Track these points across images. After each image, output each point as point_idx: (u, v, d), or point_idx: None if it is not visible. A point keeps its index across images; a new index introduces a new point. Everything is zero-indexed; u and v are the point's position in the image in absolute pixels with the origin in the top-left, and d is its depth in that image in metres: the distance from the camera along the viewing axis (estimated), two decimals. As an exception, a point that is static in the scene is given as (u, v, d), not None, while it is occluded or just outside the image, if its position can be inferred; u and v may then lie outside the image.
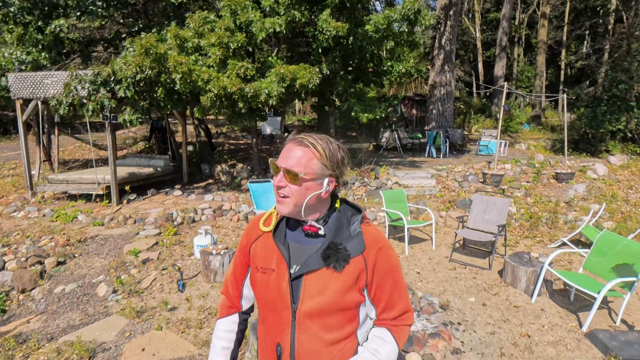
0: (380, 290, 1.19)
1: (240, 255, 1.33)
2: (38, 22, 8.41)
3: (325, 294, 1.13)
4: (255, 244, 1.28)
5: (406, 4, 7.44)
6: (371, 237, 1.19)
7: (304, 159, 1.13)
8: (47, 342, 3.51)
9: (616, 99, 11.97)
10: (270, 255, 1.22)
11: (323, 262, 1.14)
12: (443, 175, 9.28)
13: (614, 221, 7.11)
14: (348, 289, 1.14)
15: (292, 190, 1.14)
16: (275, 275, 1.18)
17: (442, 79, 14.01)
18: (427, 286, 4.62)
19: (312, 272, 1.15)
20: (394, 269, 1.21)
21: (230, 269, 1.38)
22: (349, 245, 1.15)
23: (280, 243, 1.21)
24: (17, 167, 10.94)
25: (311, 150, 1.14)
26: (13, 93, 7.54)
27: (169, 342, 3.44)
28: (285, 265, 1.18)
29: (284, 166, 1.13)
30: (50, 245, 5.61)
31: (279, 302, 1.18)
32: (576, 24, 23.59)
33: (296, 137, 1.17)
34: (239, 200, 7.77)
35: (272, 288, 1.19)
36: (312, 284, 1.15)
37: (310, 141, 1.14)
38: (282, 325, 1.18)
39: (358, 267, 1.15)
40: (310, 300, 1.14)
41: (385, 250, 1.20)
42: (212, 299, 4.25)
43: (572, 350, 3.34)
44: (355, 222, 1.21)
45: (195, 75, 6.53)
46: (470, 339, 3.48)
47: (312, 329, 1.15)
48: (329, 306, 1.13)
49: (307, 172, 1.13)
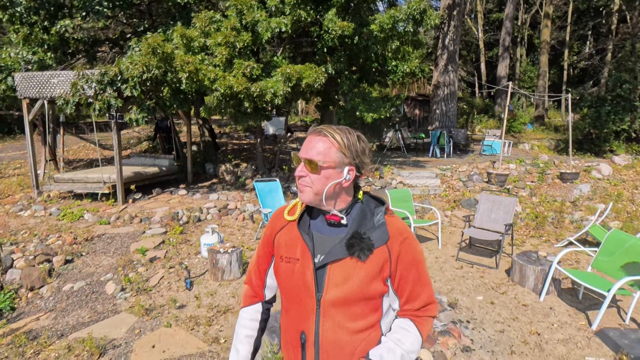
0: (404, 281, 1.19)
1: (264, 246, 1.34)
2: (44, 22, 8.43)
3: (349, 283, 1.14)
4: (280, 234, 1.29)
5: (412, 4, 7.45)
6: (395, 228, 1.20)
7: (323, 148, 1.15)
8: (57, 339, 3.52)
9: (620, 99, 11.94)
10: (295, 245, 1.23)
11: (347, 252, 1.15)
12: (447, 175, 9.28)
13: (620, 221, 7.10)
14: (372, 278, 1.14)
15: (312, 179, 1.16)
16: (300, 265, 1.20)
17: (445, 79, 14.00)
18: (434, 285, 4.62)
19: (336, 262, 1.16)
20: (417, 260, 1.21)
21: (254, 259, 1.40)
22: (372, 235, 1.16)
23: (304, 233, 1.22)
24: (23, 167, 10.98)
25: (329, 139, 1.16)
26: (20, 92, 7.57)
27: (178, 339, 3.45)
28: (310, 255, 1.19)
29: (304, 156, 1.16)
30: (58, 243, 5.63)
31: (303, 291, 1.19)
32: (579, 24, 23.56)
33: (315, 129, 1.19)
34: (244, 200, 7.78)
35: (297, 277, 1.20)
36: (336, 273, 1.15)
37: (329, 131, 1.17)
38: (306, 313, 1.19)
39: (382, 257, 1.16)
40: (335, 289, 1.15)
41: (410, 242, 1.20)
42: (220, 297, 4.26)
43: (582, 348, 3.34)
44: (379, 213, 1.22)
45: (202, 74, 6.54)
46: (480, 337, 3.48)
47: (336, 318, 1.16)
48: (353, 295, 1.14)
49: (326, 161, 1.15)
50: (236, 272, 4.65)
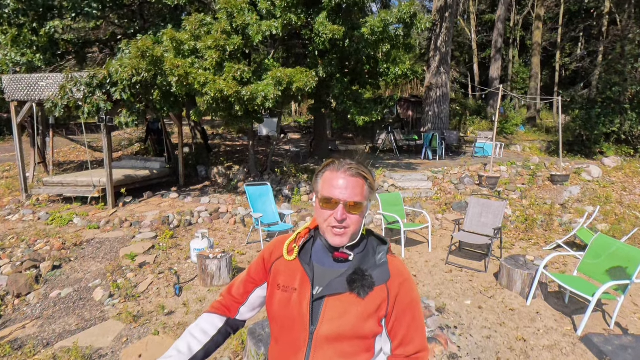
0: (399, 324, 1.19)
1: (259, 270, 1.32)
2: (33, 23, 8.34)
3: (345, 319, 1.13)
4: (278, 262, 1.28)
5: (402, 7, 7.47)
6: (396, 269, 1.21)
7: (361, 188, 1.16)
8: (43, 348, 3.49)
9: (610, 101, 12.08)
10: (294, 275, 1.22)
11: (348, 287, 1.15)
12: (439, 178, 9.32)
13: (608, 223, 7.18)
14: (368, 316, 1.14)
15: (352, 220, 1.16)
16: (297, 295, 1.19)
17: (438, 81, 14.06)
18: (423, 289, 4.65)
19: (334, 295, 1.16)
20: (415, 303, 1.22)
21: (243, 277, 1.36)
22: (374, 273, 1.17)
23: (305, 263, 1.22)
24: (11, 169, 10.85)
25: (362, 178, 1.17)
26: (7, 95, 7.48)
27: (166, 348, 3.43)
28: (309, 286, 1.18)
29: (351, 200, 1.14)
30: (46, 249, 5.58)
31: (297, 322, 1.17)
32: (570, 26, 23.76)
33: (343, 167, 1.17)
34: (236, 203, 7.76)
35: (292, 307, 1.18)
36: (333, 307, 1.15)
37: (360, 170, 1.17)
38: (297, 346, 1.18)
39: (381, 296, 1.16)
40: (330, 323, 1.14)
41: (409, 284, 1.21)
42: (209, 303, 4.25)
43: (567, 354, 3.37)
44: (381, 252, 1.23)
45: (192, 78, 6.51)
46: (467, 343, 3.50)
47: (327, 354, 1.15)
48: (347, 332, 1.13)
49: (364, 200, 1.17)
50: (226, 278, 4.64)
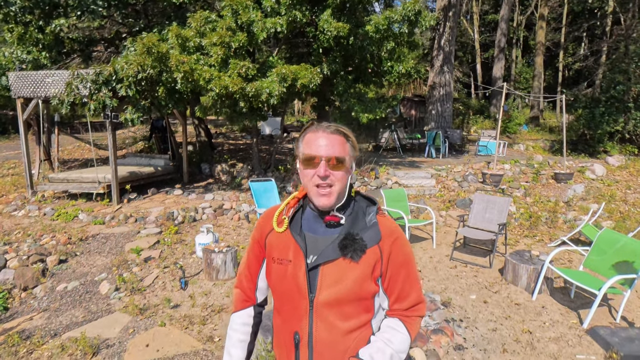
0: (394, 281, 1.21)
1: (255, 248, 1.34)
2: (39, 21, 8.39)
3: (342, 284, 1.15)
4: (271, 235, 1.28)
5: (407, 5, 7.49)
6: (387, 228, 1.21)
7: (342, 144, 1.18)
8: (50, 338, 3.52)
9: (614, 100, 12.04)
10: (287, 246, 1.23)
11: (340, 253, 1.15)
12: (443, 175, 9.32)
13: (612, 220, 7.16)
14: (365, 278, 1.15)
15: (337, 177, 1.16)
16: (292, 266, 1.20)
17: (441, 80, 14.06)
18: (428, 284, 4.65)
19: (329, 262, 1.16)
20: (408, 260, 1.23)
21: (244, 263, 1.39)
22: (365, 235, 1.17)
23: (296, 234, 1.22)
24: (17, 167, 10.92)
25: (342, 134, 1.19)
26: (14, 92, 7.54)
27: (172, 338, 3.45)
28: (302, 256, 1.19)
29: (331, 154, 1.15)
30: (52, 243, 5.61)
31: (296, 292, 1.19)
32: (574, 25, 23.72)
33: (321, 127, 1.19)
34: (240, 200, 7.78)
35: (289, 278, 1.20)
36: (329, 274, 1.16)
37: (337, 127, 1.19)
38: (299, 314, 1.20)
39: (374, 257, 1.17)
40: (328, 289, 1.15)
41: (401, 242, 1.22)
42: (214, 296, 4.27)
43: (573, 346, 3.37)
44: (371, 213, 1.23)
45: (197, 74, 6.54)
46: (473, 335, 3.51)
47: (329, 318, 1.17)
48: (346, 296, 1.15)
49: (346, 156, 1.18)
50: (231, 272, 4.66)
